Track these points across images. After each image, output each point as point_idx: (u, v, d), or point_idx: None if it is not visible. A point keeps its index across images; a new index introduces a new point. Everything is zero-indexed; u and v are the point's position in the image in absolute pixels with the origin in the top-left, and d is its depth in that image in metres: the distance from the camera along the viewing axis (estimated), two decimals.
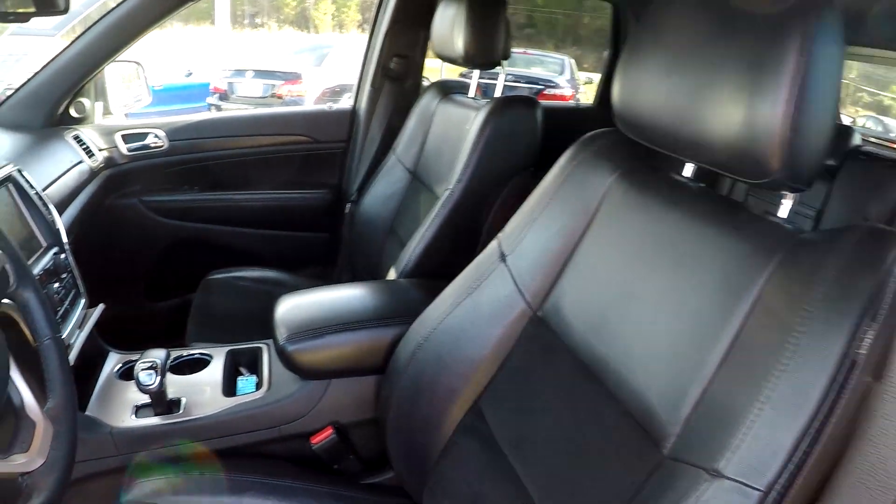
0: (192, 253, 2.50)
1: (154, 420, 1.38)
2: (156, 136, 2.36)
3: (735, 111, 0.80)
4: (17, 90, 2.03)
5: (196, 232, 2.48)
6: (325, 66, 9.23)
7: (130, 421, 1.39)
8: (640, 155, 1.10)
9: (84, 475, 1.35)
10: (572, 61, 10.39)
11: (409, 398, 1.22)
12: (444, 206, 1.69)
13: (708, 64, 0.85)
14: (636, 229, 1.02)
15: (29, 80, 2.04)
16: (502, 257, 1.19)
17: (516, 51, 7.11)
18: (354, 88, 2.61)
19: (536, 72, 9.55)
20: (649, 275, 0.96)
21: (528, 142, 1.75)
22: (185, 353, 1.59)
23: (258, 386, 1.48)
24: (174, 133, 2.40)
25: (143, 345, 1.50)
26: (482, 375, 1.14)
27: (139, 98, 2.49)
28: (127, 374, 1.54)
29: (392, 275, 1.73)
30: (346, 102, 2.73)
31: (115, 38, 1.97)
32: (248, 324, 1.89)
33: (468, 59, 1.83)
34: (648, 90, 0.94)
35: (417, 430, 1.21)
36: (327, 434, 1.42)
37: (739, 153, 0.82)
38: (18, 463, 0.90)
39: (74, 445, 0.99)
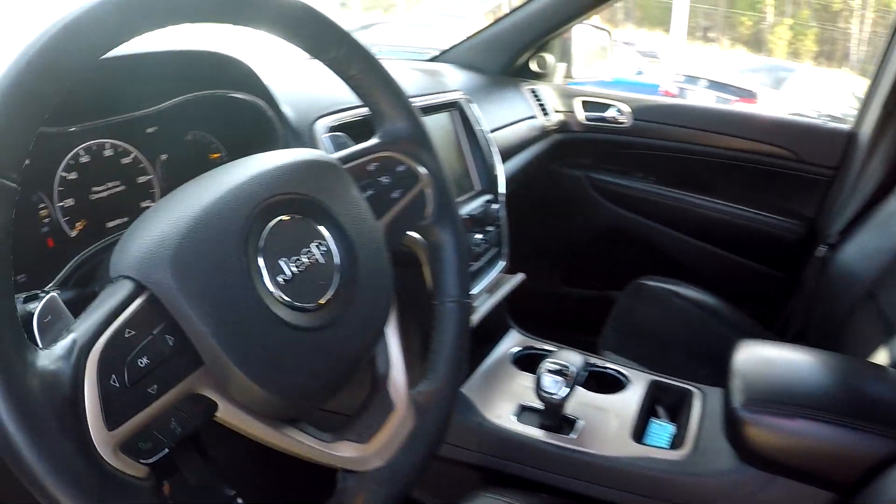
0: (624, 246, 2.29)
1: (536, 432, 1.19)
2: (619, 110, 2.16)
3: None
4: (479, 32, 2.01)
5: (636, 225, 2.23)
6: (785, 90, 8.78)
7: (509, 421, 1.22)
8: None
9: None
10: None
11: None
12: None
13: None
14: None
15: (492, 24, 2.01)
16: None
17: None
18: (857, 108, 2.13)
19: None
20: None
21: None
22: (599, 363, 1.38)
23: (675, 442, 1.21)
24: (641, 112, 2.16)
25: (545, 330, 1.43)
26: None
27: (604, 68, 2.36)
28: (523, 361, 1.38)
29: (882, 358, 1.33)
30: None
31: None
32: (673, 351, 1.66)
33: None
34: None
35: None
36: None
37: None
38: (345, 456, 0.64)
39: (431, 454, 0.73)
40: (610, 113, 2.15)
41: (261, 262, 0.56)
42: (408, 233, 0.78)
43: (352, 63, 0.72)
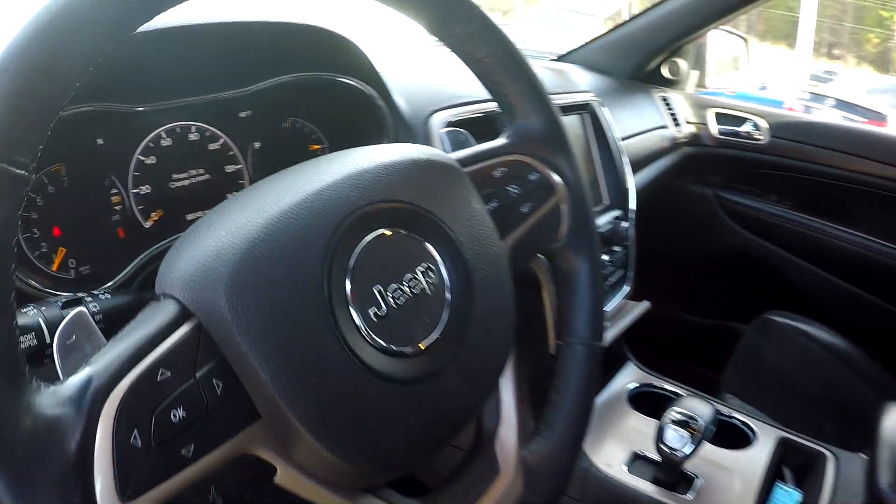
0: (750, 274, 2.12)
1: (648, 487, 1.07)
2: (755, 125, 1.99)
3: None
4: (607, 33, 1.91)
5: (765, 252, 2.07)
6: None
7: (619, 472, 1.09)
8: None
9: None
10: None
11: None
12: None
13: None
14: None
15: (622, 24, 1.91)
16: None
17: None
18: None
19: None
20: None
21: None
22: (725, 412, 1.26)
23: None
24: (779, 129, 1.98)
25: (661, 357, 1.35)
26: None
27: (736, 79, 2.24)
28: (640, 400, 1.26)
29: None
30: None
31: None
32: (798, 399, 1.52)
33: None
34: None
35: None
36: None
37: None
38: None
39: None
40: (745, 128, 1.99)
41: (348, 287, 0.43)
42: (538, 255, 0.65)
43: (481, 43, 0.59)
